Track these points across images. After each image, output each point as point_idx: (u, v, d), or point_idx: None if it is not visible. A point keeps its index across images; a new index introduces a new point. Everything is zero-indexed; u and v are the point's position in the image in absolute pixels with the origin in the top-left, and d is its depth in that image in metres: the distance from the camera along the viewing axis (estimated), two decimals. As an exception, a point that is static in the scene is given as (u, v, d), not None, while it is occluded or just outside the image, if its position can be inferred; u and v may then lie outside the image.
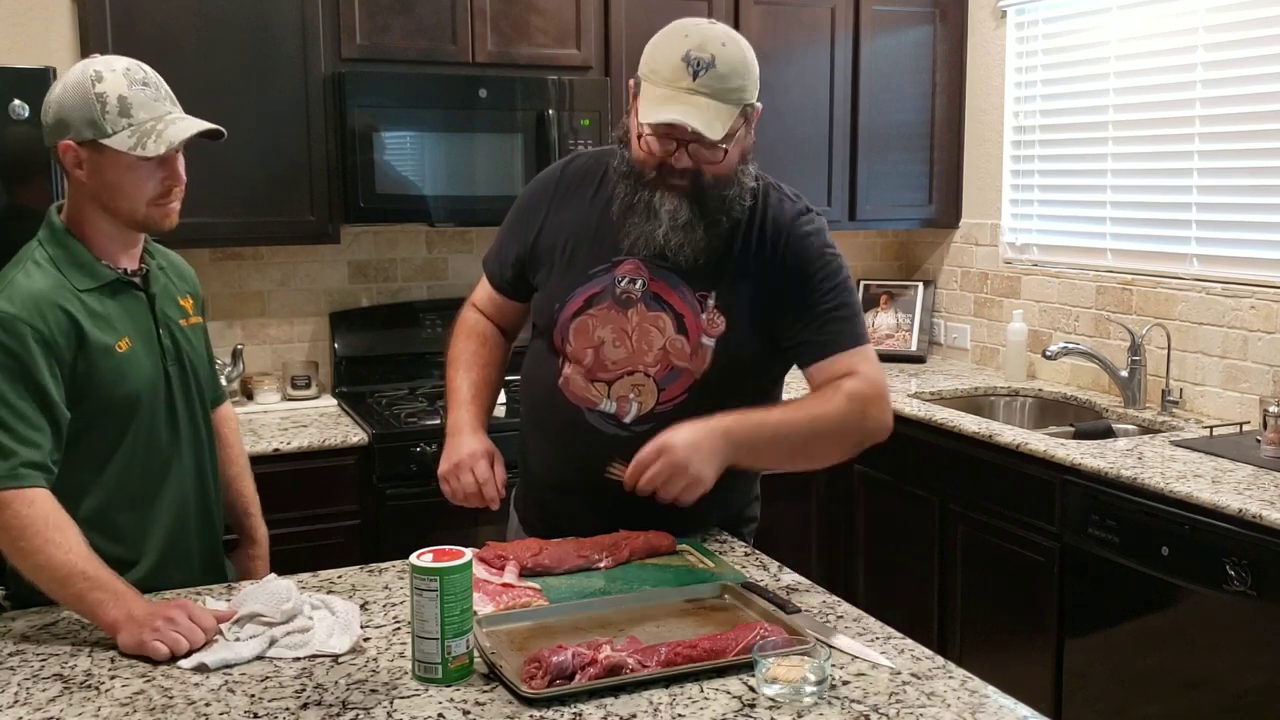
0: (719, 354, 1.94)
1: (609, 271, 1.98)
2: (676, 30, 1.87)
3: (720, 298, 1.95)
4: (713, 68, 1.82)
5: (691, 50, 1.82)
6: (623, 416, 1.96)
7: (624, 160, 1.95)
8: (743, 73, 1.88)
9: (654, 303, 1.95)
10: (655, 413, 1.95)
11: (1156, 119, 3.49)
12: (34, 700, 1.50)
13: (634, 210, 1.92)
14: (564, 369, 2.00)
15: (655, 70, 1.85)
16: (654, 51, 1.87)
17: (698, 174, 1.89)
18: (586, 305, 1.98)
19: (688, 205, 1.90)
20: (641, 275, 1.96)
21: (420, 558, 1.52)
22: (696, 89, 1.81)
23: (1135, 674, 2.74)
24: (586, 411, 1.99)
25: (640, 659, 1.50)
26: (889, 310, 4.40)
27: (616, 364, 1.96)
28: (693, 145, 1.86)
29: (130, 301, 1.88)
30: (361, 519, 3.18)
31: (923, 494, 3.46)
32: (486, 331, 2.19)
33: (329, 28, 3.31)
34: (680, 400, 1.95)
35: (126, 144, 1.77)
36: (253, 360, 3.65)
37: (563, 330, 1.99)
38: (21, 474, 1.68)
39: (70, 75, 1.80)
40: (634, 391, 1.96)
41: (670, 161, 1.88)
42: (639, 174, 1.92)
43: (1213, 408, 3.29)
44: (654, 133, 1.86)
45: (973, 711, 1.45)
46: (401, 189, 3.39)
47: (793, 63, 3.92)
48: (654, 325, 1.95)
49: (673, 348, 1.94)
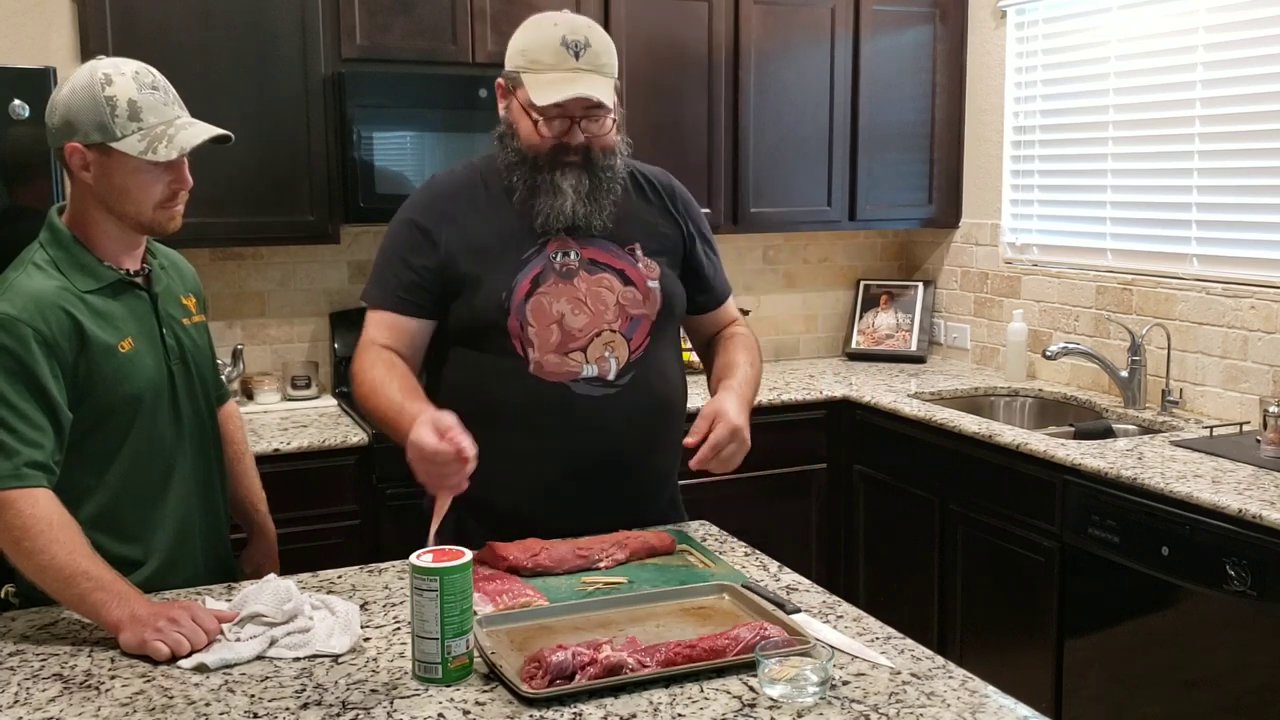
0: (664, 293, 2.12)
1: (540, 252, 2.07)
2: (543, 21, 2.03)
3: (644, 247, 2.13)
4: (589, 47, 1.99)
5: (567, 35, 1.99)
6: (606, 374, 2.06)
7: (513, 151, 2.06)
8: (611, 49, 2.05)
9: (593, 267, 2.09)
10: (631, 362, 2.08)
11: (1156, 119, 3.49)
12: (34, 700, 1.50)
13: (538, 191, 2.04)
14: (530, 355, 2.03)
15: (536, 60, 2.00)
16: (529, 45, 2.02)
17: (587, 149, 2.04)
18: (534, 286, 2.05)
19: (586, 177, 2.05)
20: (572, 247, 2.08)
21: (420, 558, 1.53)
22: (580, 67, 1.98)
23: (1135, 674, 2.74)
24: (571, 383, 2.04)
25: (640, 659, 1.50)
26: (889, 310, 4.40)
27: (583, 330, 2.06)
28: (584, 120, 2.02)
29: (133, 301, 1.88)
30: (361, 519, 3.17)
31: (923, 494, 3.46)
32: (391, 359, 2.03)
33: (329, 28, 3.32)
34: (645, 344, 2.11)
35: (137, 148, 1.77)
36: (253, 360, 3.65)
37: (518, 315, 2.03)
38: (24, 474, 1.68)
39: (78, 77, 1.80)
40: (607, 349, 2.07)
41: (565, 140, 2.02)
42: (533, 160, 2.04)
43: (1213, 408, 3.29)
44: (548, 115, 1.99)
45: (973, 711, 1.45)
46: (401, 189, 3.38)
47: (793, 63, 3.92)
48: (601, 286, 2.08)
49: (625, 299, 2.09)
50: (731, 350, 2.22)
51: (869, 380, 3.96)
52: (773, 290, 4.41)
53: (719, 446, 1.95)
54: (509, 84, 2.05)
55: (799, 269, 4.45)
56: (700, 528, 2.17)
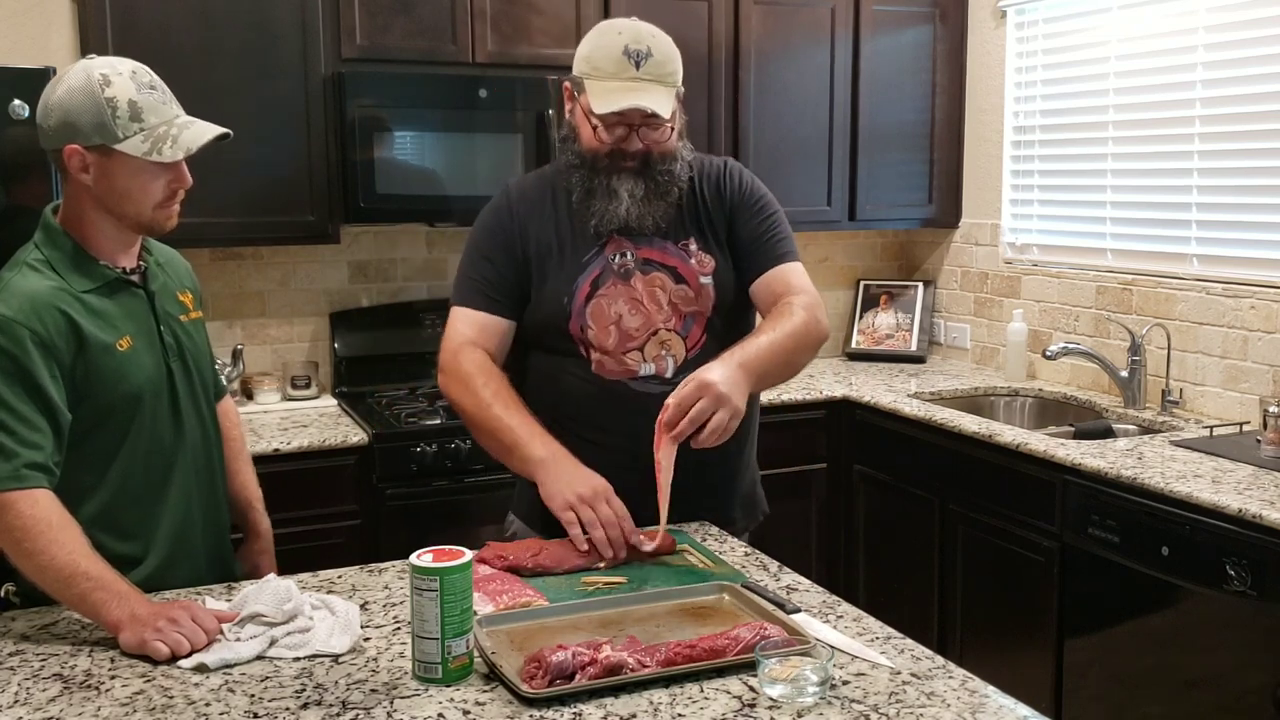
0: (718, 288, 2.14)
1: (600, 254, 2.13)
2: (609, 29, 2.07)
3: (699, 241, 2.16)
4: (651, 56, 2.03)
5: (629, 44, 2.02)
6: (663, 373, 2.12)
7: (574, 154, 2.12)
8: (674, 57, 2.08)
9: (647, 266, 2.13)
10: (689, 360, 2.11)
11: (1156, 119, 3.49)
12: (34, 700, 1.50)
13: (593, 194, 2.10)
14: (591, 355, 2.12)
15: (598, 68, 2.04)
16: (593, 52, 2.06)
17: (646, 154, 2.08)
18: (593, 289, 2.12)
19: (642, 182, 2.09)
20: (627, 248, 2.13)
21: (420, 558, 1.53)
22: (641, 77, 2.02)
23: (1135, 673, 2.74)
24: (630, 382, 2.11)
25: (640, 659, 1.50)
26: (889, 310, 4.40)
27: (639, 330, 2.12)
28: (642, 129, 2.06)
29: (130, 300, 1.87)
30: (361, 519, 3.17)
31: (923, 494, 3.46)
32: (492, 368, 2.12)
33: (329, 28, 3.32)
34: (703, 341, 2.14)
35: (140, 149, 1.77)
36: (253, 360, 3.65)
37: (579, 319, 2.11)
38: (24, 475, 1.68)
39: (72, 78, 1.78)
40: (663, 348, 2.12)
41: (623, 146, 2.07)
42: (592, 163, 2.09)
43: (1213, 408, 3.29)
44: (607, 123, 2.04)
45: (973, 711, 1.45)
46: (402, 189, 3.39)
47: (793, 63, 3.92)
48: (656, 285, 2.13)
49: (678, 298, 2.13)
50: (763, 324, 2.11)
51: (869, 380, 3.96)
52: (773, 290, 4.40)
53: (684, 405, 1.86)
54: (575, 88, 2.10)
55: (799, 269, 4.44)
56: (700, 528, 2.17)
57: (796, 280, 2.17)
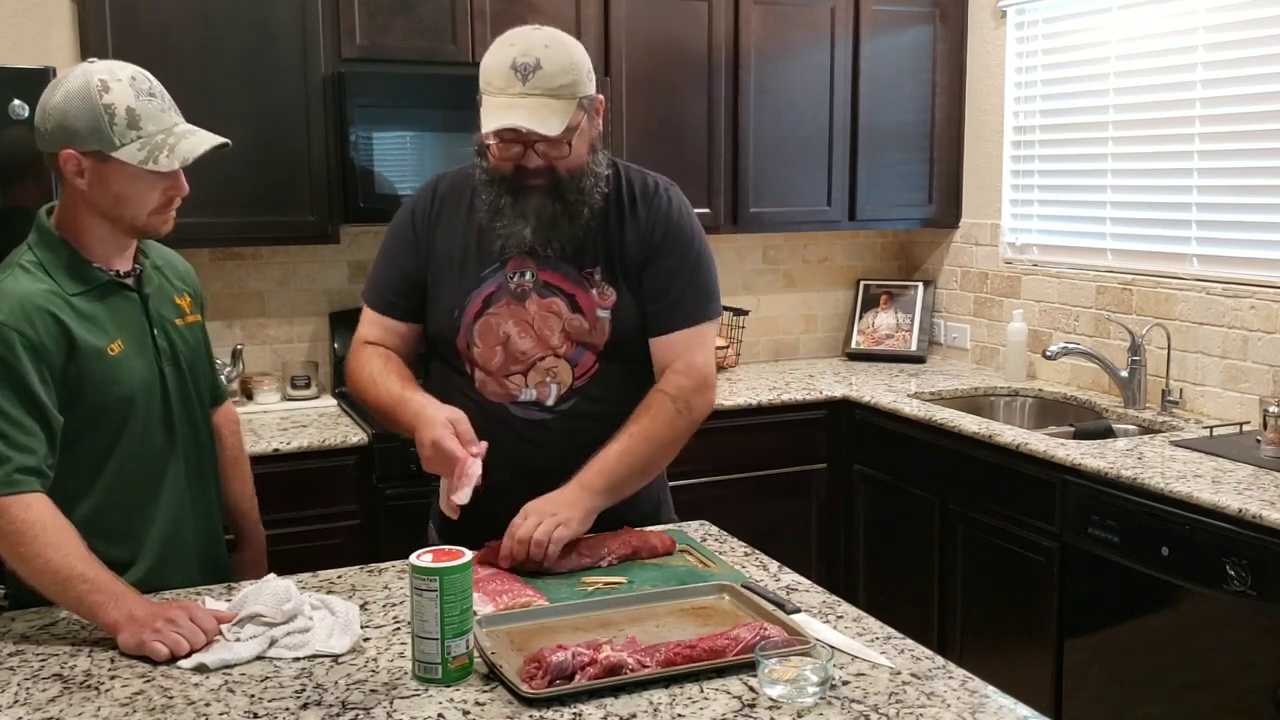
0: (615, 323, 2.06)
1: (499, 270, 2.06)
2: (504, 40, 1.97)
3: (604, 272, 2.06)
4: (539, 70, 1.91)
5: (517, 58, 1.92)
6: (544, 400, 2.06)
7: (483, 170, 2.04)
8: (569, 69, 1.95)
9: (545, 290, 2.06)
10: (574, 388, 2.06)
11: (1156, 119, 3.49)
12: (34, 700, 1.50)
13: (501, 214, 2.02)
14: (475, 374, 2.08)
15: (490, 82, 1.95)
16: (486, 64, 1.96)
17: (551, 170, 1.99)
18: (485, 306, 2.06)
19: (549, 201, 2.00)
20: (529, 267, 2.06)
21: (420, 558, 1.53)
22: (527, 92, 1.91)
23: (1135, 674, 2.74)
24: (510, 405, 2.06)
25: (640, 659, 1.50)
26: (889, 310, 4.40)
27: (526, 354, 2.05)
28: (539, 145, 1.96)
29: (122, 303, 1.86)
30: (361, 519, 3.17)
31: (923, 494, 3.45)
32: (386, 354, 2.12)
33: (329, 28, 3.31)
34: (594, 370, 2.06)
35: (137, 157, 1.76)
36: (252, 360, 3.65)
37: (466, 334, 2.07)
38: (17, 480, 1.68)
39: (71, 82, 1.76)
40: (549, 375, 2.06)
41: (522, 163, 1.98)
42: (498, 180, 2.01)
43: (1213, 408, 3.29)
44: (498, 139, 1.96)
45: (973, 711, 1.45)
46: (401, 189, 3.39)
47: (793, 63, 3.93)
48: (550, 310, 2.05)
49: (571, 327, 2.05)
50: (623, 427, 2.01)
51: (869, 380, 3.96)
52: (773, 290, 4.40)
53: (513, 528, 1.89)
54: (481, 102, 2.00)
55: (799, 269, 4.45)
56: (700, 528, 2.17)
57: (686, 353, 2.06)
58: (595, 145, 2.05)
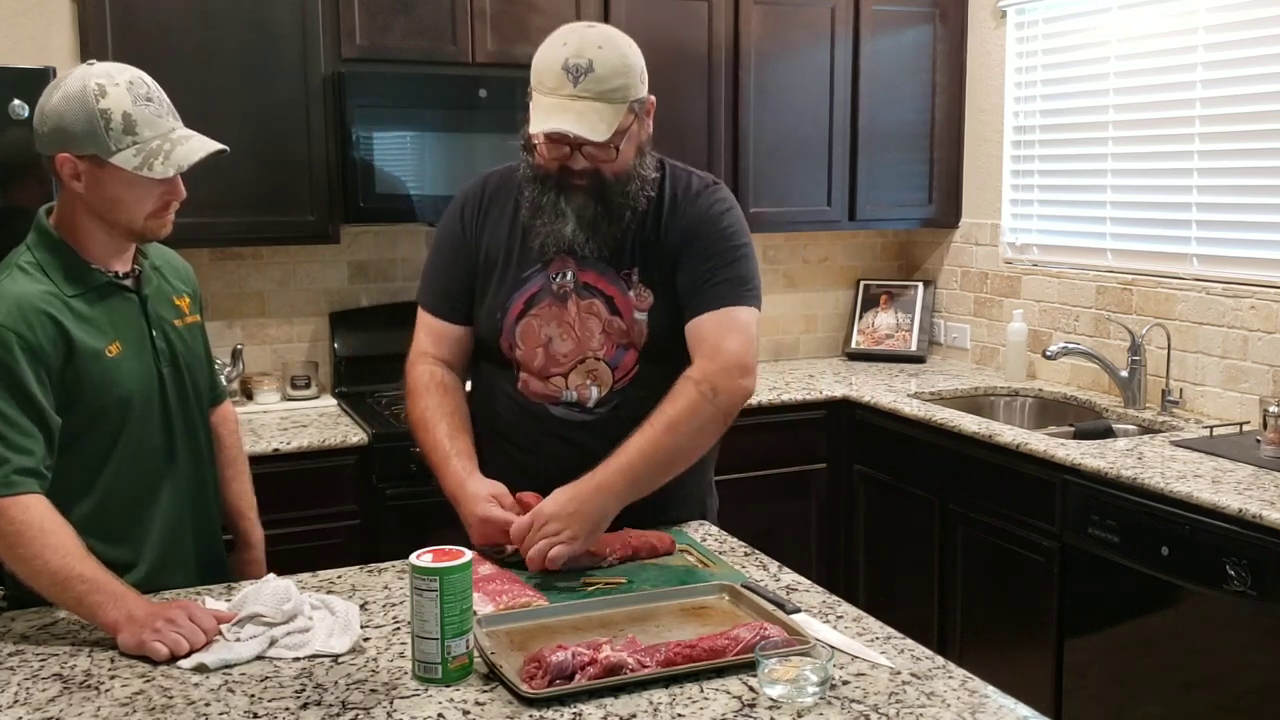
0: (653, 325, 2.04)
1: (542, 270, 2.06)
2: (556, 39, 1.94)
3: (643, 273, 2.05)
4: (591, 72, 1.88)
5: (569, 58, 1.89)
6: (585, 402, 2.05)
7: (529, 166, 2.03)
8: (623, 72, 1.92)
9: (585, 291, 2.05)
10: (615, 390, 2.05)
11: (1156, 119, 3.49)
12: (34, 700, 1.50)
13: (542, 211, 2.01)
14: (519, 374, 2.08)
15: (540, 81, 1.93)
16: (538, 62, 1.94)
17: (597, 172, 1.97)
18: (527, 307, 2.06)
19: (592, 202, 1.98)
20: (570, 268, 2.05)
21: (420, 558, 1.53)
22: (578, 94, 1.89)
23: (1135, 674, 2.74)
24: (551, 406, 2.06)
25: (640, 659, 1.50)
26: (889, 310, 4.40)
27: (567, 356, 2.05)
28: (586, 147, 1.94)
29: (121, 304, 1.86)
30: (361, 519, 3.17)
31: (923, 494, 3.45)
32: (444, 381, 2.12)
33: (329, 28, 3.31)
34: (634, 372, 2.05)
35: (132, 163, 1.75)
36: (252, 360, 3.65)
37: (509, 336, 2.07)
38: (15, 481, 1.68)
39: (69, 85, 1.76)
40: (589, 377, 2.05)
41: (568, 164, 1.96)
42: (542, 178, 2.01)
43: (1213, 408, 3.29)
44: (545, 139, 1.95)
45: (973, 711, 1.45)
46: (401, 189, 3.39)
47: (793, 63, 3.92)
48: (590, 312, 2.05)
49: (611, 329, 2.04)
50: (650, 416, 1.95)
51: (869, 380, 3.96)
52: (773, 290, 4.40)
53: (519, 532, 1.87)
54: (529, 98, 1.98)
55: (799, 269, 4.45)
56: (700, 528, 2.17)
57: (713, 337, 2.00)
58: (644, 148, 2.03)
